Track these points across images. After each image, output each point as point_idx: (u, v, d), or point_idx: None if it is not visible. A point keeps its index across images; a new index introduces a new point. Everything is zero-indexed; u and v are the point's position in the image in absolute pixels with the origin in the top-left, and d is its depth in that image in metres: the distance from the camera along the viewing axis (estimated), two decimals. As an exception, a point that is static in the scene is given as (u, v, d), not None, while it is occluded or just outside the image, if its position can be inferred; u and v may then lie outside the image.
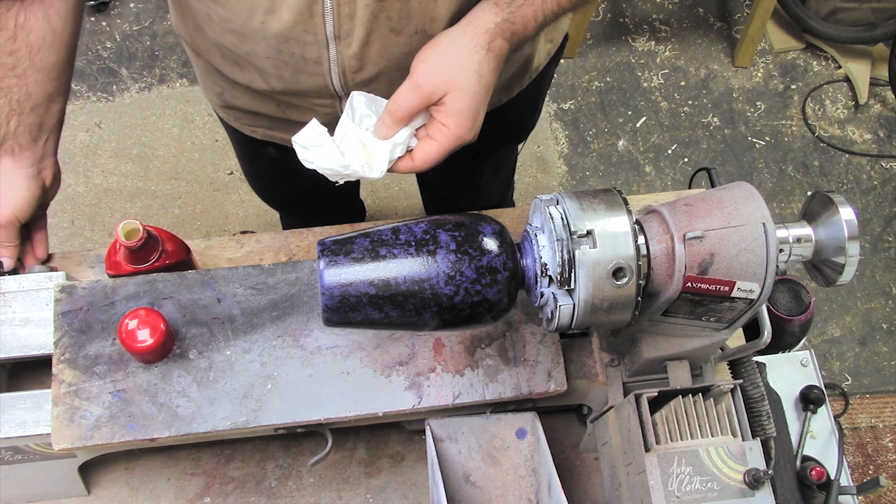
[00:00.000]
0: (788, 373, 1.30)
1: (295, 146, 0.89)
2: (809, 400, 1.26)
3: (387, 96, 0.93)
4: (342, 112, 1.07)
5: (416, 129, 0.91)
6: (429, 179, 1.78)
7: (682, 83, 2.74)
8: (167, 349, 0.94)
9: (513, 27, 0.89)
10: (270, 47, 0.97)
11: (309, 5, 0.91)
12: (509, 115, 1.27)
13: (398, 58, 0.98)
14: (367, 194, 2.44)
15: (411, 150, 0.91)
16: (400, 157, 0.90)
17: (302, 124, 0.93)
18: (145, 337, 0.90)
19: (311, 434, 1.11)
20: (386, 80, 1.01)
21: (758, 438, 0.90)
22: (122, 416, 0.92)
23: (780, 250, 0.84)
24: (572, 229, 0.78)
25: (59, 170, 1.13)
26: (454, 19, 0.92)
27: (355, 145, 0.89)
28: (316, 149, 0.88)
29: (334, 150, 0.88)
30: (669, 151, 2.63)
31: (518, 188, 2.43)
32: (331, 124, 0.93)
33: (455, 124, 0.88)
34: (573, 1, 0.92)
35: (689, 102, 2.71)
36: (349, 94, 0.95)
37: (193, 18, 1.05)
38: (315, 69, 1.00)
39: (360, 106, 0.91)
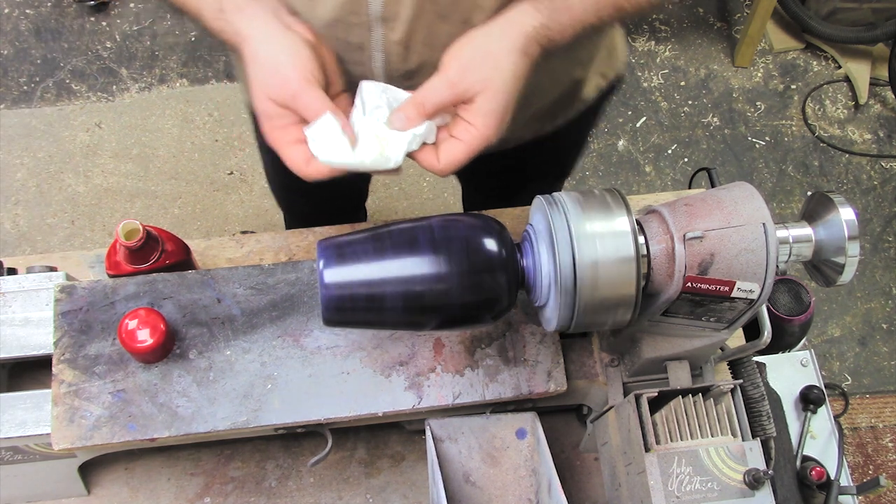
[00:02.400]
0: (788, 373, 1.30)
1: (308, 140, 0.86)
2: (809, 400, 1.26)
3: None
4: None
5: (438, 129, 0.88)
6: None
7: (682, 83, 2.74)
8: (167, 349, 0.94)
9: (549, 33, 0.86)
10: (316, 30, 0.93)
11: None
12: (550, 147, 1.23)
13: (443, 49, 0.93)
14: (367, 194, 2.44)
15: (427, 144, 0.87)
16: (422, 152, 0.86)
17: None
18: (145, 337, 0.90)
19: (311, 434, 1.11)
20: (429, 74, 0.97)
21: (758, 438, 0.90)
22: (122, 416, 0.92)
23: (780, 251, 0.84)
24: (572, 229, 0.78)
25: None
26: (498, 11, 0.89)
27: (369, 139, 0.86)
28: (328, 143, 0.85)
29: (346, 144, 0.86)
30: (669, 151, 2.63)
31: (518, 188, 2.43)
32: None
33: (484, 124, 0.84)
34: (612, 16, 0.90)
35: (689, 102, 2.71)
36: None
37: None
38: (358, 56, 0.96)
39: (371, 97, 0.88)
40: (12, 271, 1.06)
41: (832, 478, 1.12)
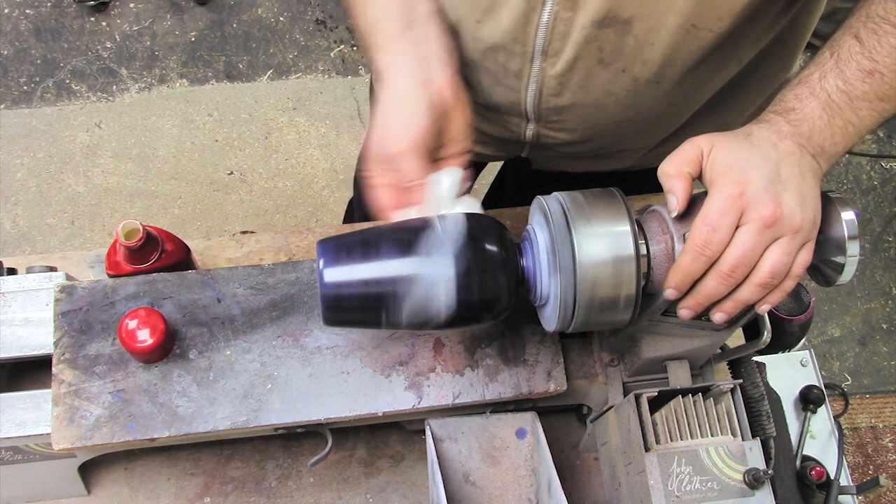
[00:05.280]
0: (788, 373, 1.30)
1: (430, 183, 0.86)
2: (809, 400, 1.26)
3: (575, 131, 0.98)
4: (527, 133, 1.06)
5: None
6: None
7: (682, 83, 2.73)
8: (167, 349, 0.94)
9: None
10: (477, 51, 0.96)
11: (526, 13, 0.89)
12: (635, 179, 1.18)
13: (597, 94, 0.96)
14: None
15: None
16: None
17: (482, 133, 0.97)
18: (145, 337, 0.90)
19: (311, 434, 1.11)
20: (579, 115, 0.99)
21: (758, 438, 0.90)
22: (122, 416, 0.92)
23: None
24: (573, 229, 0.78)
25: (461, 88, 0.89)
26: (665, 68, 0.91)
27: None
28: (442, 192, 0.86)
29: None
30: (669, 151, 2.63)
31: (518, 188, 2.43)
32: (516, 142, 1.00)
33: None
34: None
35: (689, 102, 2.70)
36: (539, 118, 0.97)
37: None
38: (514, 83, 0.98)
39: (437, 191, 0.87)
40: (12, 271, 1.07)
41: (832, 478, 1.12)
